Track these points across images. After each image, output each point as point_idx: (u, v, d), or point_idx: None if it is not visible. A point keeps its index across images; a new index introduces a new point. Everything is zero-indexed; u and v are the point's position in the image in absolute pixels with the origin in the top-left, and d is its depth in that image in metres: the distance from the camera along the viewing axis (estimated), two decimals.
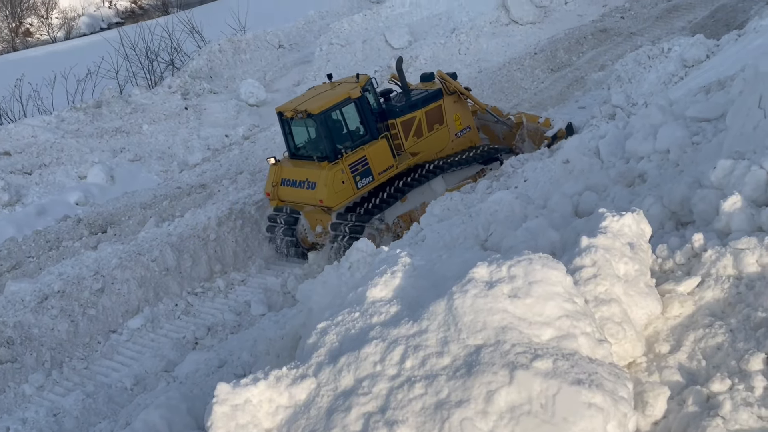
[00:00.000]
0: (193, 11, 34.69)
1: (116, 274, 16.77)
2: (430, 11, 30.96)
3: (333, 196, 17.75)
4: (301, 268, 17.84)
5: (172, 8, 43.35)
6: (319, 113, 17.74)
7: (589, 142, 8.78)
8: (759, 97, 6.53)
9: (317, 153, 18.19)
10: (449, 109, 20.13)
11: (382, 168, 18.45)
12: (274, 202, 18.67)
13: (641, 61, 21.66)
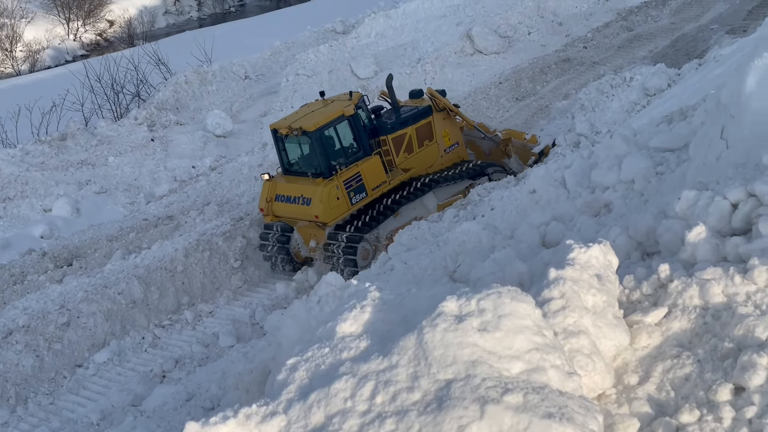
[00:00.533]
0: (159, 43, 34.63)
1: (82, 307, 16.63)
2: (396, 41, 31.13)
3: (328, 211, 18.17)
4: (269, 299, 17.82)
5: (137, 40, 43.27)
6: (314, 130, 18.11)
7: (555, 172, 8.85)
8: (721, 128, 6.62)
9: (311, 169, 18.54)
10: (438, 126, 20.59)
11: (375, 184, 18.87)
12: (269, 218, 18.95)
13: (604, 90, 21.89)
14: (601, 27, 30.56)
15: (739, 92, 6.51)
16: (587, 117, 20.56)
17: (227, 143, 26.13)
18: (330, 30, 34.37)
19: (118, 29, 48.83)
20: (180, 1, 53.73)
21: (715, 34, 27.56)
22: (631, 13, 31.28)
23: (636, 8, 31.72)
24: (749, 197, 5.70)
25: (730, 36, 25.42)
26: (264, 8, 52.37)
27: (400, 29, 32.17)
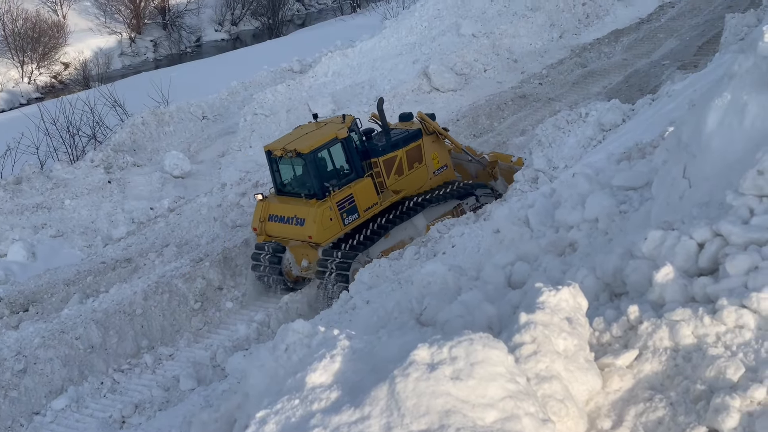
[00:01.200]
0: (115, 84, 34.42)
1: (39, 353, 16.36)
2: (353, 80, 31.22)
3: (322, 232, 18.57)
4: (230, 340, 17.69)
5: (93, 82, 42.94)
6: (308, 152, 18.57)
7: (519, 211, 8.86)
8: (683, 167, 6.66)
9: (305, 190, 18.99)
10: (428, 149, 21.10)
11: (367, 205, 19.37)
12: (261, 237, 19.32)
13: (560, 126, 22.04)
14: (556, 63, 30.91)
15: (699, 131, 6.57)
16: (544, 153, 20.65)
17: (185, 184, 25.96)
18: (287, 69, 34.38)
19: (73, 71, 48.44)
20: (135, 43, 53.54)
21: (667, 70, 27.96)
22: (585, 50, 31.67)
23: (589, 45, 32.14)
24: (715, 237, 5.72)
25: (681, 71, 25.77)
26: (220, 48, 52.35)
27: (357, 68, 32.28)
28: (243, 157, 26.93)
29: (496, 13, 36.02)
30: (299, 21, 62.09)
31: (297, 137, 19.49)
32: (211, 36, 57.05)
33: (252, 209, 20.57)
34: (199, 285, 19.07)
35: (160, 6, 56.97)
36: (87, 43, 50.86)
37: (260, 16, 59.31)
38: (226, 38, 57.23)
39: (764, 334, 5.13)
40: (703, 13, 32.81)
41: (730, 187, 5.98)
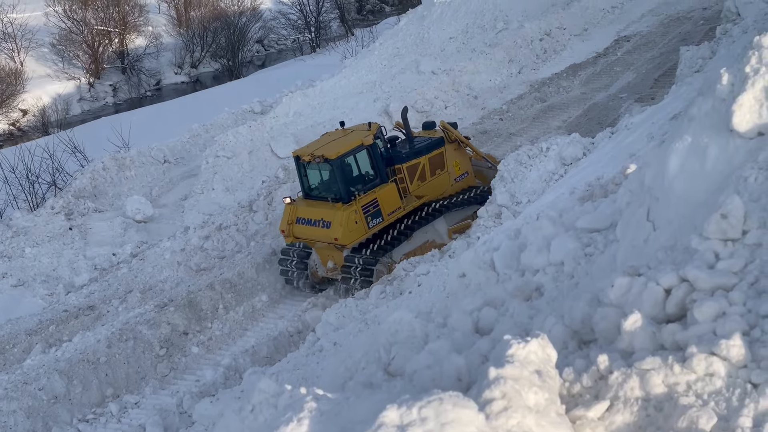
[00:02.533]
0: (74, 130, 34.18)
1: (1, 405, 16.20)
2: (314, 119, 31.21)
3: (347, 234, 19.77)
4: (196, 386, 17.55)
5: (52, 128, 42.70)
6: (335, 158, 19.83)
7: (484, 254, 8.85)
8: (647, 210, 6.68)
9: (331, 194, 20.33)
10: (450, 156, 22.47)
11: (391, 209, 20.60)
12: (289, 239, 20.67)
13: (522, 161, 22.15)
14: (516, 99, 31.13)
15: (662, 175, 6.59)
16: (507, 188, 20.76)
17: (148, 228, 25.79)
18: (248, 111, 34.31)
19: (31, 118, 48.15)
20: (94, 88, 53.36)
21: (625, 103, 28.29)
22: (544, 85, 31.93)
23: (548, 80, 32.40)
24: (681, 282, 5.71)
25: (639, 104, 26.06)
26: (180, 91, 52.32)
27: (318, 107, 32.29)
28: (206, 199, 26.81)
29: (455, 50, 36.27)
30: (259, 62, 62.23)
31: (324, 143, 20.66)
32: (170, 79, 57.03)
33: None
34: (164, 331, 18.99)
35: (119, 50, 56.91)
36: (45, 89, 50.62)
37: (220, 58, 59.40)
38: (186, 81, 57.26)
39: (735, 382, 5.11)
40: (658, 47, 33.22)
41: (694, 231, 5.99)
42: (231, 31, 59.44)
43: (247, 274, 21.65)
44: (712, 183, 6.22)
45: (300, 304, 20.63)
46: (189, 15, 63.58)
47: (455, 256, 18.04)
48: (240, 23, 61.31)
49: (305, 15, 64.65)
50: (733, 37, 25.63)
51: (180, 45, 58.96)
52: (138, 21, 60.01)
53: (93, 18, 56.23)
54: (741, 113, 6.13)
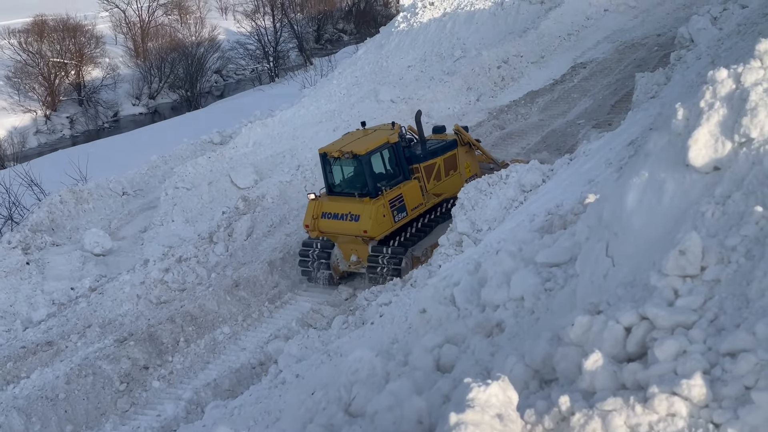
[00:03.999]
0: (31, 163, 33.94)
1: None
2: (274, 150, 31.19)
3: (376, 227, 20.66)
4: (157, 421, 17.39)
5: (8, 162, 42.32)
6: (364, 154, 20.87)
7: (444, 290, 8.83)
8: (605, 245, 6.69)
9: (358, 190, 21.13)
10: (462, 158, 23.82)
11: (414, 205, 21.72)
12: (315, 233, 21.44)
13: (482, 189, 22.19)
14: (474, 126, 31.22)
15: (620, 210, 6.62)
16: (467, 215, 20.79)
17: (107, 262, 25.52)
18: (207, 141, 34.22)
19: None
20: (51, 120, 53.02)
21: (583, 129, 28.53)
22: (502, 112, 32.12)
23: (506, 107, 32.60)
24: (641, 320, 5.70)
25: (596, 130, 26.27)
26: (138, 123, 52.19)
27: (277, 137, 32.29)
28: (165, 231, 26.63)
29: (413, 78, 36.48)
30: (218, 92, 62.24)
31: (351, 141, 21.74)
32: (128, 110, 56.85)
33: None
34: (124, 365, 18.82)
35: (75, 82, 56.66)
36: (0, 122, 50.17)
37: (178, 89, 59.37)
38: (144, 112, 57.13)
39: (697, 422, 5.10)
40: (614, 73, 33.57)
41: (653, 267, 6.00)
42: (189, 62, 59.47)
43: (208, 306, 21.51)
44: (670, 218, 6.25)
45: (262, 335, 20.53)
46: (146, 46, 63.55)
47: (417, 286, 18.05)
48: (198, 54, 61.38)
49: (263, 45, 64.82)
50: (687, 63, 25.97)
51: (137, 76, 58.81)
52: (95, 53, 59.85)
53: (49, 50, 56.01)
54: (697, 148, 6.19)
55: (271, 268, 23.05)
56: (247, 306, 21.82)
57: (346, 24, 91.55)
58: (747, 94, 6.14)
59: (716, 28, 29.05)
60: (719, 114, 6.23)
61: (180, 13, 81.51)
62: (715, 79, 6.40)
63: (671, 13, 37.95)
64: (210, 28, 74.19)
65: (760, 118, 6.01)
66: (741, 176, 6.01)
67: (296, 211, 26.10)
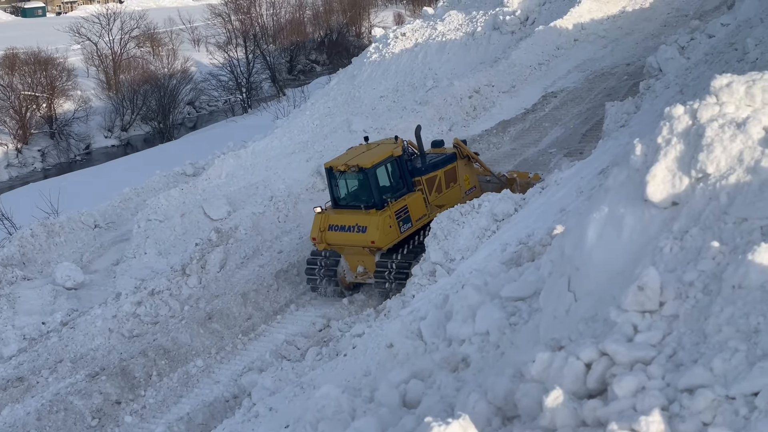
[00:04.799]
0: (2, 197, 33.78)
1: None
2: (247, 181, 31.16)
3: (383, 237, 21.21)
4: None
5: None
6: (370, 167, 21.43)
7: (411, 324, 8.85)
8: (567, 280, 6.75)
9: (364, 202, 21.81)
10: (461, 171, 24.48)
11: (418, 216, 22.35)
12: (322, 245, 21.96)
13: (455, 218, 22.29)
14: None
15: (581, 245, 6.68)
16: (440, 245, 20.85)
17: (79, 295, 25.35)
18: (180, 173, 34.11)
19: None
20: (22, 153, 52.79)
21: (554, 158, 28.70)
22: (474, 141, 32.20)
23: (478, 136, 32.73)
24: (601, 356, 5.75)
25: (568, 158, 26.44)
26: (111, 155, 52.07)
27: (250, 168, 32.24)
28: (138, 264, 26.50)
29: (385, 108, 36.63)
30: (191, 124, 62.25)
31: (355, 155, 22.39)
32: (100, 143, 56.70)
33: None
34: (96, 401, 18.70)
35: (47, 115, 56.49)
36: None
37: (151, 121, 59.37)
38: (117, 144, 57.03)
39: None
40: (585, 102, 33.85)
41: (613, 302, 6.05)
42: (161, 94, 59.50)
43: (181, 339, 21.42)
44: (630, 253, 6.32)
45: (236, 368, 20.44)
46: (118, 78, 63.54)
47: (390, 317, 18.05)
48: (170, 85, 61.44)
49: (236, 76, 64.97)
50: (656, 92, 26.28)
51: (110, 108, 58.76)
52: (66, 85, 59.77)
53: (20, 83, 55.82)
54: (655, 183, 6.27)
55: (245, 300, 23.00)
56: (220, 338, 21.73)
57: (319, 55, 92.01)
58: (703, 131, 6.24)
59: (684, 58, 29.46)
60: (676, 150, 6.32)
61: (152, 45, 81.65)
62: (672, 116, 6.50)
63: (640, 43, 38.39)
64: (182, 59, 74.35)
65: (716, 154, 6.11)
66: (698, 211, 6.10)
67: (269, 242, 26.07)
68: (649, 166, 6.36)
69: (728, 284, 5.48)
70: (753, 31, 24.64)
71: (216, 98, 66.95)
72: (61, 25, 79.03)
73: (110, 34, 72.87)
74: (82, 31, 73.31)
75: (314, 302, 22.92)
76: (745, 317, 5.26)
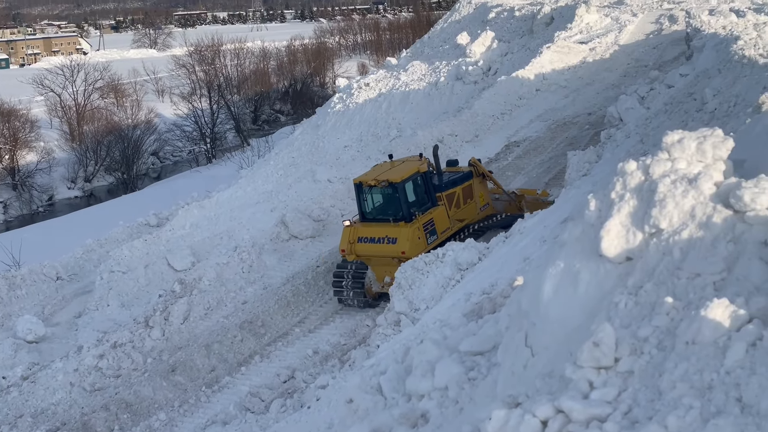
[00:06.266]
0: None
1: None
2: (211, 231, 31.07)
3: (413, 248, 22.39)
4: None
5: None
6: (400, 181, 22.92)
7: (371, 379, 8.83)
8: (525, 335, 6.78)
9: (393, 215, 23.14)
10: (476, 188, 26.16)
11: (442, 229, 23.77)
12: (352, 257, 23.25)
13: (419, 268, 22.36)
14: None
15: (537, 300, 6.72)
16: (405, 295, 20.87)
17: (40, 349, 25.04)
18: (144, 224, 34.00)
19: None
20: None
21: None
22: None
23: None
24: (557, 413, 5.75)
25: None
26: (74, 206, 51.77)
27: (214, 219, 32.19)
28: (101, 316, 26.27)
29: (350, 158, 36.79)
30: (155, 174, 62.15)
31: (383, 171, 23.83)
32: (63, 194, 56.40)
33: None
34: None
35: (9, 167, 56.15)
36: None
37: (114, 172, 59.24)
38: (80, 195, 56.75)
39: None
40: (547, 151, 34.14)
41: (569, 358, 6.07)
42: (125, 145, 59.45)
43: (144, 392, 21.19)
44: (585, 308, 6.36)
45: (199, 421, 20.22)
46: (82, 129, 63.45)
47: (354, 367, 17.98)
48: (134, 136, 61.43)
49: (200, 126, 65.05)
50: (617, 141, 26.60)
51: (73, 159, 58.56)
52: (29, 137, 59.58)
53: None
54: (609, 239, 6.34)
55: (208, 351, 22.82)
56: (183, 391, 21.51)
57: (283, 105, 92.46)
58: (655, 186, 6.32)
59: (644, 108, 29.88)
60: (630, 205, 6.40)
61: (116, 96, 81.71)
62: (625, 171, 6.58)
63: (601, 93, 38.88)
64: (147, 110, 74.44)
65: (669, 209, 6.19)
66: (652, 266, 6.16)
67: (233, 293, 25.94)
68: (604, 222, 6.43)
69: (682, 340, 5.53)
70: (711, 81, 25.06)
71: (180, 148, 66.94)
72: (25, 76, 79.11)
73: (74, 85, 72.91)
74: (46, 82, 73.38)
75: (278, 353, 22.79)
76: (698, 373, 5.30)
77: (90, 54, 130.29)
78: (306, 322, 24.21)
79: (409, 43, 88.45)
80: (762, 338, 5.19)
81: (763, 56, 23.49)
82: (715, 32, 33.01)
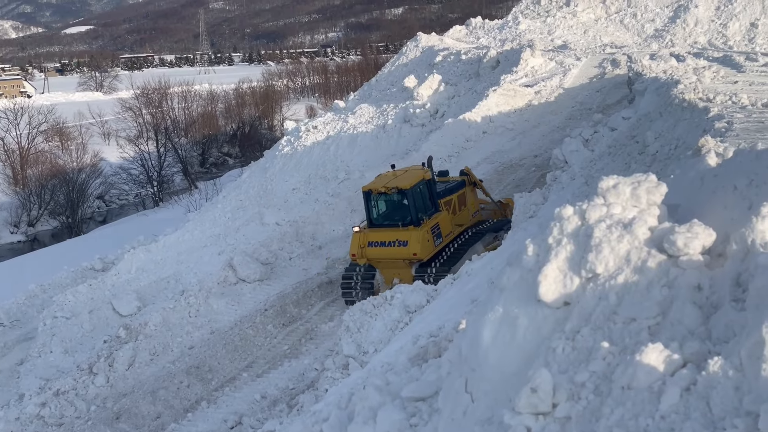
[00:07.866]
0: None
1: None
2: (158, 275, 30.83)
3: (424, 249, 24.17)
4: None
5: None
6: (409, 188, 24.51)
7: (314, 426, 8.76)
8: (465, 381, 6.77)
9: (402, 220, 24.65)
10: (469, 196, 28.31)
11: (446, 232, 25.55)
12: (362, 261, 24.78)
13: (367, 311, 22.36)
14: None
15: (476, 345, 6.73)
16: (353, 338, 20.83)
17: None
18: (88, 268, 33.63)
19: None
20: None
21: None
22: None
23: None
24: None
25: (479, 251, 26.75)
26: (17, 251, 51.06)
27: (161, 262, 31.94)
28: (43, 363, 25.85)
29: (298, 200, 36.77)
30: (100, 218, 61.57)
31: (390, 179, 25.39)
32: (6, 238, 55.66)
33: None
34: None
35: None
36: None
37: (59, 216, 58.59)
38: (23, 240, 55.99)
39: None
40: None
41: (509, 404, 6.08)
42: (70, 188, 58.88)
43: None
44: (524, 354, 6.38)
45: None
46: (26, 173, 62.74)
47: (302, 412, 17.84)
48: (80, 180, 60.88)
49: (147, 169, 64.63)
50: (562, 183, 26.87)
51: (16, 203, 57.86)
52: None
53: None
54: (547, 283, 6.38)
55: (154, 398, 22.52)
56: None
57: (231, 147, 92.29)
58: (591, 231, 6.39)
59: (588, 150, 30.23)
60: (567, 250, 6.45)
61: (61, 139, 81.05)
62: (562, 216, 6.65)
63: (546, 135, 39.28)
64: (92, 153, 73.87)
65: (605, 254, 6.25)
66: (589, 311, 6.20)
67: (180, 338, 25.67)
68: (541, 267, 6.47)
69: (618, 385, 5.56)
70: (653, 124, 25.46)
71: (127, 192, 66.50)
72: None
73: (17, 128, 72.14)
74: None
75: (226, 398, 22.55)
76: (634, 419, 5.32)
77: (34, 97, 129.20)
78: (254, 366, 23.99)
79: (357, 86, 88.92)
80: (696, 383, 5.23)
81: (702, 100, 23.93)
82: (656, 76, 33.58)
